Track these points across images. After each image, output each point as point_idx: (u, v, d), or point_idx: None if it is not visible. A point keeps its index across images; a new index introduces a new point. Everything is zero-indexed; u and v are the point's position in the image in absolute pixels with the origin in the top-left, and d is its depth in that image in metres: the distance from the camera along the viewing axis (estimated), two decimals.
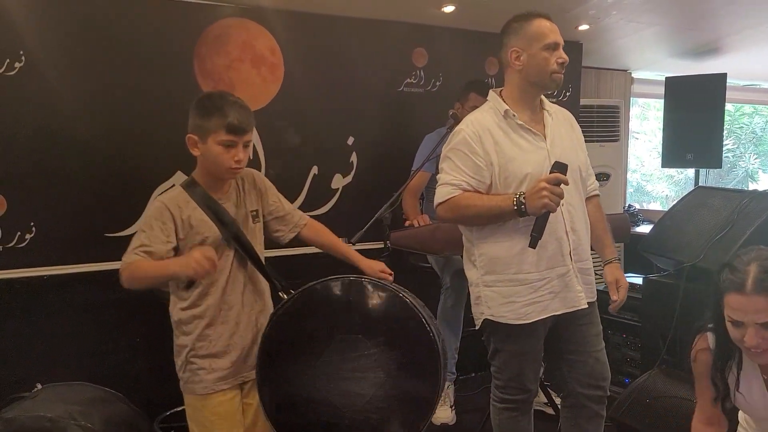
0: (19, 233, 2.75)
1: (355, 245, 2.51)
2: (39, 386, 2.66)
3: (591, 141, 4.25)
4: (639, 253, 3.24)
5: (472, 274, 2.24)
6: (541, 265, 2.12)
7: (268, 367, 2.02)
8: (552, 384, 2.86)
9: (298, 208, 2.31)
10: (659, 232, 3.18)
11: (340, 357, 1.98)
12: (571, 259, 2.16)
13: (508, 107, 2.15)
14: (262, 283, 2.16)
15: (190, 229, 1.98)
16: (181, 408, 2.18)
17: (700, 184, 4.66)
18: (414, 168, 3.16)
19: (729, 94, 4.41)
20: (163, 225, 1.96)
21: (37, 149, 2.76)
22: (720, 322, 1.74)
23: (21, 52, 2.69)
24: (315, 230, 2.28)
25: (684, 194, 3.41)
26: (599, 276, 2.30)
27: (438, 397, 2.02)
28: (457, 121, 2.48)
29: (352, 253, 2.23)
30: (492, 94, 2.24)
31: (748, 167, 10.48)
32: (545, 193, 1.95)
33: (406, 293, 2.05)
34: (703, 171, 5.01)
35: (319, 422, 1.99)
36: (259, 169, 3.18)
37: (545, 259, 2.12)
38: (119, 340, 2.95)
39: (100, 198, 2.89)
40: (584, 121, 4.26)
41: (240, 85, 3.12)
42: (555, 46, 2.12)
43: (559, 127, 2.24)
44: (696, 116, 4.36)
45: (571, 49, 2.22)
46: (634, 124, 8.16)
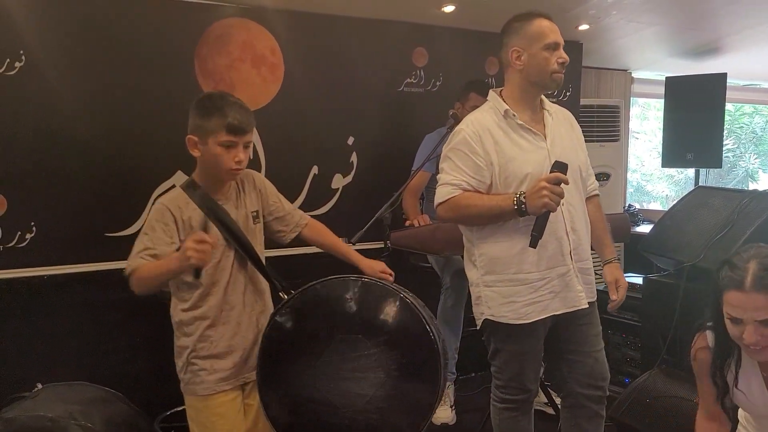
0: (19, 233, 2.75)
1: (355, 245, 2.51)
2: (39, 386, 2.65)
3: (591, 141, 4.25)
4: (639, 252, 3.24)
5: (472, 274, 2.24)
6: (541, 265, 2.12)
7: (269, 368, 2.02)
8: (552, 384, 2.86)
9: (298, 208, 2.31)
10: (659, 232, 3.19)
11: (341, 357, 1.98)
12: (572, 259, 2.16)
13: (508, 107, 2.15)
14: (263, 283, 2.16)
15: (190, 230, 1.97)
16: (182, 408, 2.18)
17: (700, 184, 4.66)
18: (414, 168, 3.16)
19: (729, 94, 4.41)
20: (165, 226, 1.95)
21: (37, 149, 2.76)
22: (719, 320, 1.74)
23: (21, 51, 2.69)
24: (316, 230, 2.28)
25: (684, 194, 3.41)
26: (599, 276, 2.30)
27: (438, 398, 2.02)
28: (458, 121, 2.48)
29: (352, 253, 2.23)
30: (492, 94, 2.24)
31: (748, 167, 10.48)
32: (545, 192, 1.95)
33: (406, 293, 2.05)
34: (703, 171, 5.01)
35: (319, 422, 1.99)
36: (259, 168, 3.18)
37: (545, 259, 2.12)
38: (119, 339, 2.95)
39: (100, 198, 2.89)
40: (584, 121, 4.26)
41: (240, 85, 3.13)
42: (555, 46, 2.13)
43: (560, 126, 2.24)
44: (696, 116, 4.36)
45: (571, 49, 2.22)
46: (634, 124, 8.15)
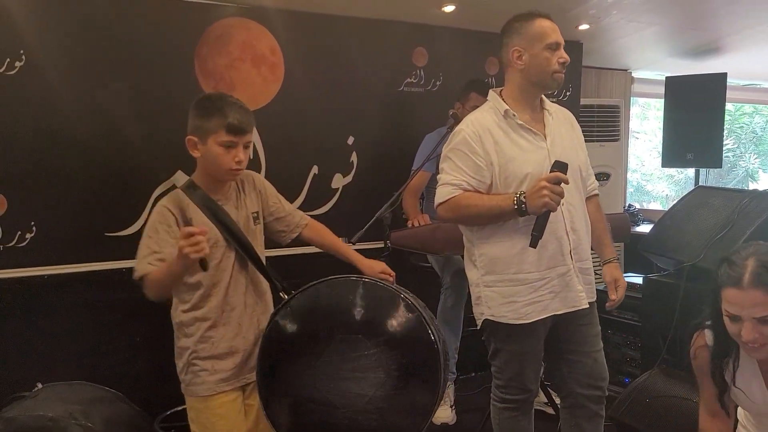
0: (19, 233, 2.75)
1: (355, 245, 2.51)
2: (39, 386, 2.66)
3: (591, 140, 4.25)
4: (639, 252, 3.24)
5: (472, 275, 2.24)
6: (541, 265, 2.12)
7: (269, 368, 2.01)
8: (552, 384, 2.86)
9: (298, 208, 2.31)
10: (659, 232, 3.19)
11: (341, 357, 1.97)
12: (572, 259, 2.16)
13: (508, 107, 2.15)
14: (264, 284, 2.16)
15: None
16: (182, 408, 2.18)
17: (700, 184, 4.66)
18: (414, 168, 3.16)
19: (729, 94, 4.41)
20: (168, 228, 1.95)
21: (37, 149, 2.76)
22: (718, 318, 1.75)
23: (21, 51, 2.69)
24: (316, 230, 2.28)
25: (684, 194, 3.41)
26: (598, 276, 2.30)
27: (438, 398, 2.02)
28: (458, 121, 2.48)
29: (352, 253, 2.23)
30: (492, 94, 2.24)
31: (749, 167, 10.49)
32: (545, 192, 1.95)
33: (406, 294, 2.05)
34: (703, 171, 5.01)
35: (319, 422, 1.98)
36: (259, 168, 3.18)
37: (545, 259, 2.12)
38: (119, 339, 2.95)
39: (100, 198, 2.89)
40: (584, 121, 4.26)
41: (240, 85, 3.13)
42: (556, 46, 2.13)
43: (560, 126, 2.24)
44: (696, 116, 4.36)
45: (571, 49, 2.22)
46: (634, 124, 8.15)
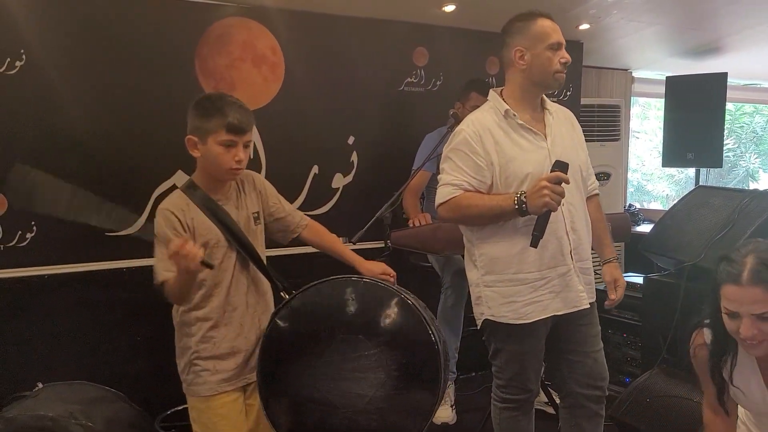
0: (19, 232, 2.75)
1: (355, 245, 2.51)
2: (40, 385, 2.66)
3: (591, 140, 4.25)
4: (639, 252, 3.24)
5: (472, 275, 2.24)
6: (541, 265, 2.12)
7: (269, 368, 2.01)
8: (552, 383, 2.86)
9: (299, 208, 2.32)
10: (660, 232, 3.19)
11: (341, 357, 1.98)
12: (572, 259, 2.16)
13: (509, 107, 2.15)
14: (265, 284, 2.16)
15: (193, 232, 1.98)
16: (182, 407, 2.18)
17: (701, 184, 4.66)
18: (414, 167, 3.16)
19: (729, 94, 4.41)
20: (175, 231, 1.95)
21: (38, 148, 2.75)
22: (717, 315, 1.75)
23: (22, 51, 2.69)
24: (315, 231, 2.28)
25: (684, 194, 3.42)
26: (598, 275, 2.30)
27: (439, 398, 2.02)
28: (458, 121, 2.48)
29: (352, 255, 2.22)
30: (492, 94, 2.24)
31: (749, 167, 10.50)
32: (546, 192, 1.95)
33: (407, 294, 2.05)
34: (703, 170, 5.00)
35: (319, 422, 1.98)
36: (260, 168, 3.18)
37: (545, 259, 2.12)
38: (120, 339, 2.95)
39: (100, 197, 2.88)
40: (585, 121, 4.26)
41: (241, 85, 3.12)
42: (558, 46, 2.13)
43: (560, 126, 2.24)
44: (696, 115, 4.36)
45: (571, 49, 2.22)
46: (634, 124, 8.15)
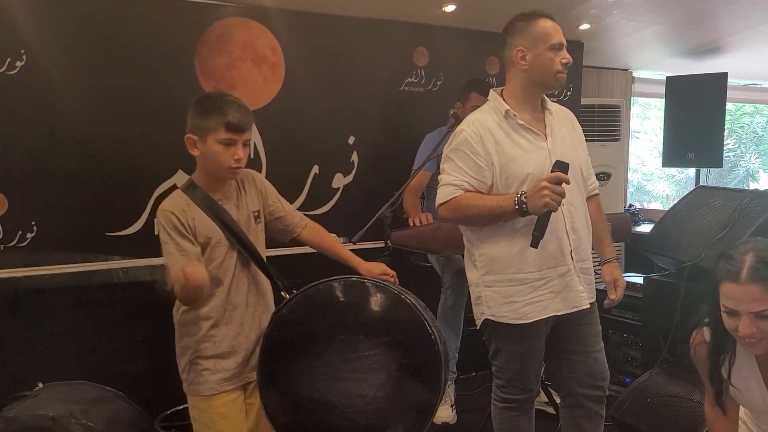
0: (20, 232, 2.75)
1: (355, 245, 2.51)
2: (40, 385, 2.66)
3: (592, 140, 4.24)
4: (640, 252, 3.24)
5: (472, 275, 2.24)
6: (541, 265, 2.12)
7: (269, 367, 2.02)
8: (552, 383, 2.86)
9: (299, 208, 2.32)
10: (660, 232, 3.19)
11: (341, 357, 1.98)
12: (572, 259, 2.16)
13: (509, 107, 2.15)
14: (265, 283, 2.16)
15: (194, 232, 1.98)
16: (182, 407, 2.18)
17: (701, 184, 4.66)
18: (415, 167, 3.16)
19: (730, 94, 4.41)
20: (179, 232, 1.95)
21: (38, 148, 2.76)
22: (716, 314, 1.75)
23: (22, 51, 2.68)
24: (315, 232, 2.28)
25: (685, 194, 3.42)
26: (598, 275, 2.30)
27: (439, 399, 2.01)
28: (458, 121, 2.48)
29: (351, 256, 2.21)
30: (493, 94, 2.24)
31: (749, 167, 10.50)
32: (546, 192, 1.95)
33: (407, 294, 2.05)
34: (703, 170, 5.00)
35: (319, 422, 1.98)
36: (260, 168, 3.18)
37: (545, 259, 2.12)
38: (120, 339, 2.95)
39: (100, 197, 2.88)
40: (585, 121, 4.25)
41: (241, 85, 3.12)
42: (560, 47, 2.13)
43: (560, 126, 2.24)
44: (697, 116, 4.36)
45: (572, 49, 2.21)
46: (634, 124, 8.16)
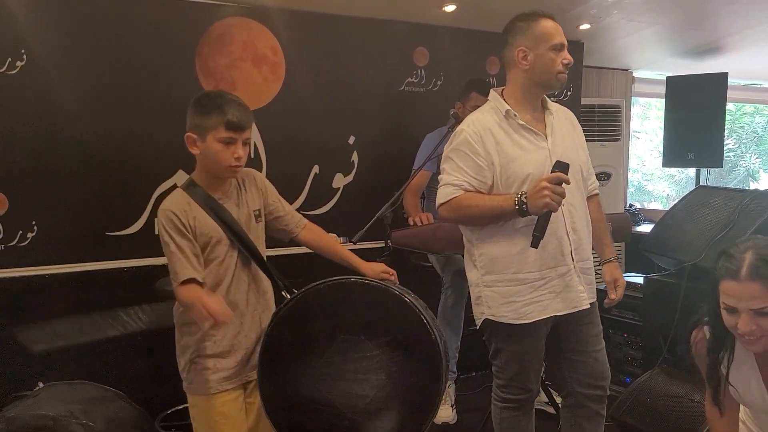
0: (20, 232, 2.75)
1: (356, 244, 2.51)
2: (41, 385, 2.66)
3: (592, 140, 4.25)
4: (640, 252, 3.24)
5: (472, 275, 2.24)
6: (541, 265, 2.12)
7: (270, 367, 2.02)
8: (552, 383, 2.86)
9: (299, 208, 2.32)
10: (660, 232, 3.19)
11: (342, 358, 1.98)
12: (573, 259, 2.16)
13: (510, 107, 2.15)
14: (265, 282, 2.16)
15: (195, 231, 1.98)
16: (182, 407, 2.18)
17: (701, 184, 4.65)
18: (415, 167, 3.16)
19: (730, 94, 4.41)
20: (180, 232, 1.95)
21: (38, 148, 2.76)
22: (715, 311, 1.75)
23: (23, 50, 2.69)
24: (314, 232, 2.28)
25: (685, 194, 3.42)
26: (598, 275, 2.30)
27: (440, 399, 2.02)
28: (458, 121, 2.48)
29: (351, 256, 2.21)
30: (493, 94, 2.23)
31: (749, 167, 10.51)
32: (546, 192, 1.94)
33: (408, 295, 2.05)
34: (704, 170, 5.01)
35: (320, 422, 1.99)
36: (260, 168, 3.18)
37: (545, 259, 2.12)
38: (120, 338, 2.95)
39: (101, 197, 2.89)
40: (585, 121, 4.26)
41: (241, 85, 3.13)
42: (561, 47, 2.12)
43: (561, 126, 2.24)
44: (697, 116, 4.36)
45: (572, 49, 2.21)
46: (635, 124, 8.16)
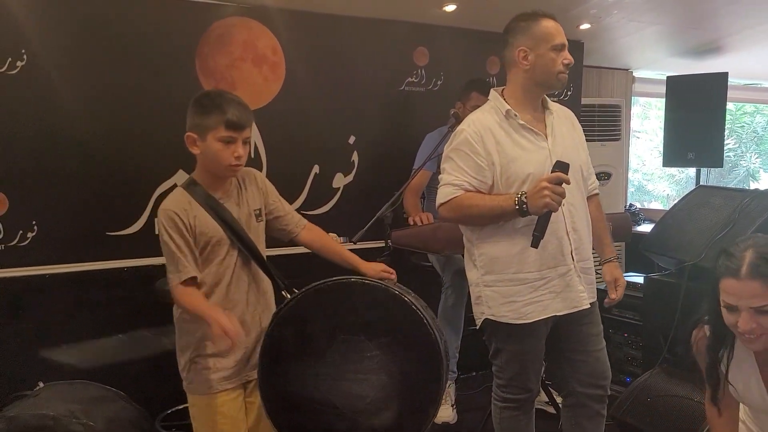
0: (21, 232, 2.75)
1: (356, 244, 2.51)
2: (41, 384, 2.66)
3: (592, 140, 4.25)
4: (640, 252, 3.24)
5: (472, 275, 2.24)
6: (541, 265, 2.12)
7: (270, 367, 2.02)
8: (553, 383, 2.86)
9: (299, 208, 2.33)
10: (660, 231, 3.19)
11: (342, 358, 1.98)
12: (573, 259, 2.16)
13: (510, 107, 2.15)
14: (265, 282, 2.16)
15: (195, 231, 1.98)
16: (183, 406, 2.18)
17: (701, 184, 4.65)
18: (415, 167, 3.16)
19: (730, 94, 4.41)
20: (181, 232, 1.96)
21: (38, 148, 2.76)
22: (715, 310, 1.75)
23: (23, 50, 2.69)
24: (313, 233, 2.28)
25: (685, 193, 3.42)
26: (598, 275, 2.30)
27: (440, 399, 2.01)
28: (459, 121, 2.48)
29: (351, 256, 2.21)
30: (493, 94, 2.23)
31: (750, 166, 10.51)
32: (547, 192, 1.95)
33: (408, 295, 2.05)
34: (704, 170, 5.00)
35: (320, 423, 1.99)
36: (260, 168, 3.18)
37: (546, 259, 2.12)
38: (120, 338, 2.95)
39: (101, 197, 2.89)
40: (585, 120, 4.25)
41: (242, 84, 3.13)
42: (562, 47, 2.12)
43: (561, 126, 2.24)
44: (697, 115, 4.35)
45: (572, 48, 2.21)
46: (635, 123, 8.15)
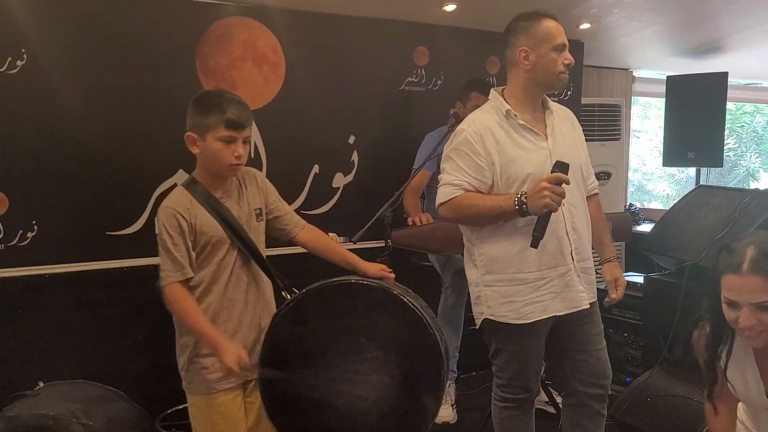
0: (20, 231, 2.75)
1: (356, 244, 2.51)
2: (41, 384, 2.66)
3: (592, 140, 4.25)
4: (640, 251, 3.24)
5: (472, 274, 2.24)
6: (541, 265, 2.12)
7: (270, 367, 2.02)
8: (553, 383, 2.86)
9: (299, 207, 2.33)
10: (660, 231, 3.19)
11: (343, 359, 1.98)
12: (573, 259, 2.16)
13: (510, 107, 2.15)
14: (265, 282, 2.16)
15: (195, 230, 1.98)
16: (183, 406, 2.18)
17: (701, 183, 4.65)
18: (415, 167, 3.16)
19: (730, 93, 4.40)
20: (181, 232, 1.95)
21: (39, 147, 2.76)
22: (716, 307, 1.75)
23: (23, 50, 2.69)
24: (314, 233, 2.28)
25: (685, 193, 3.42)
26: (598, 275, 2.30)
27: (440, 399, 2.01)
28: (459, 120, 2.48)
29: (350, 256, 2.21)
30: (494, 94, 2.23)
31: (750, 166, 10.50)
32: (546, 192, 1.95)
33: (408, 295, 2.05)
34: (704, 170, 5.00)
35: (320, 423, 1.99)
36: (260, 167, 3.18)
37: (545, 259, 2.12)
38: (120, 338, 2.95)
39: (101, 197, 2.89)
40: (585, 120, 4.26)
41: (242, 84, 3.13)
42: (563, 47, 2.12)
43: (561, 125, 2.24)
44: (697, 115, 4.35)
45: (572, 48, 2.21)
46: (635, 123, 8.15)
